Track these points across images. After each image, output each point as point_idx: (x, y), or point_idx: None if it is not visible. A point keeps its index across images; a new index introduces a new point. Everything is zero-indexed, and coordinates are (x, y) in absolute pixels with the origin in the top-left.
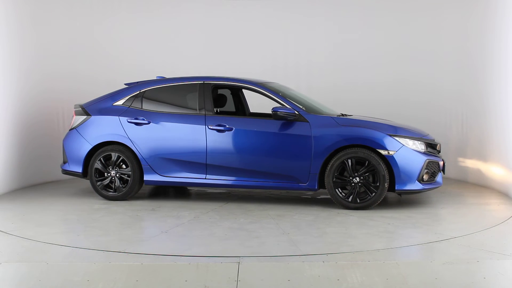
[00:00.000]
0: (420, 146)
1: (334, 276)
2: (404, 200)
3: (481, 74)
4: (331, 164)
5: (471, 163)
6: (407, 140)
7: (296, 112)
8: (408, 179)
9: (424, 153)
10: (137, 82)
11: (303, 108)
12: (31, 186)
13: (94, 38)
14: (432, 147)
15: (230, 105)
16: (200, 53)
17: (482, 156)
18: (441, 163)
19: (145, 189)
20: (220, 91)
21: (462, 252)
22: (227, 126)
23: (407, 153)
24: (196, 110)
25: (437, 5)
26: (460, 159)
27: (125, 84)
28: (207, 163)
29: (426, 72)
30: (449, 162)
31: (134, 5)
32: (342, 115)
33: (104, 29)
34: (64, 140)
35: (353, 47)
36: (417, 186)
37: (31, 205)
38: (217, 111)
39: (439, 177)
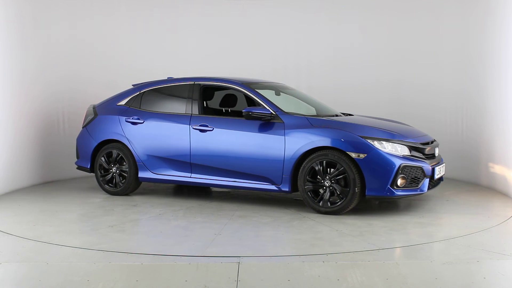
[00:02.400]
0: (400, 149)
1: (334, 276)
2: (394, 205)
3: (482, 74)
4: (303, 166)
5: (469, 164)
6: (383, 142)
7: (272, 112)
8: (379, 184)
9: (401, 157)
10: (143, 83)
11: (281, 109)
12: (40, 184)
13: (97, 39)
14: (418, 150)
15: (243, 105)
16: (200, 54)
17: (484, 157)
18: (427, 168)
19: (170, 186)
20: (230, 92)
21: (462, 252)
22: (209, 126)
23: (378, 156)
24: (185, 110)
25: (438, 5)
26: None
27: (132, 85)
28: (191, 162)
29: (426, 72)
30: (454, 164)
31: (135, 4)
32: (343, 114)
33: (105, 29)
34: (77, 137)
35: (353, 47)
36: (389, 192)
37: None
38: (228, 111)
39: (423, 184)
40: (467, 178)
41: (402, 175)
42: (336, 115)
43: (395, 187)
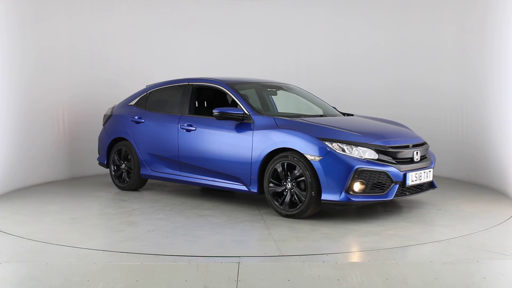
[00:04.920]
0: (365, 152)
1: (334, 276)
2: (373, 211)
3: (481, 74)
4: (267, 168)
5: (469, 163)
6: (343, 145)
7: (246, 112)
8: (334, 188)
9: (362, 160)
10: (154, 83)
11: (256, 109)
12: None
13: (97, 38)
14: (387, 154)
15: (256, 105)
16: (201, 54)
17: (484, 156)
18: (395, 173)
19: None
20: (244, 92)
21: (462, 252)
22: (193, 126)
23: (334, 159)
24: (178, 110)
25: (437, 6)
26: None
27: (146, 86)
28: (179, 160)
29: (427, 73)
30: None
31: (136, 3)
32: (344, 114)
33: (105, 28)
34: (99, 135)
35: (353, 49)
36: (343, 197)
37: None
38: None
39: (391, 190)
40: (468, 178)
41: (361, 180)
42: (321, 115)
43: (351, 193)
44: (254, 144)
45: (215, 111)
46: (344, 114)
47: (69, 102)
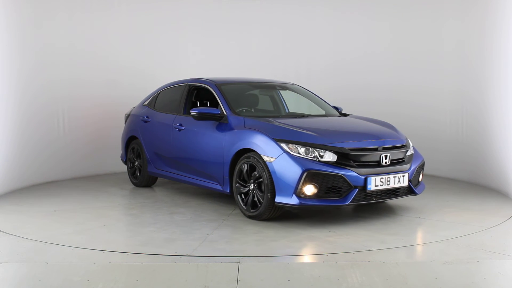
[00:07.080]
0: (324, 155)
1: (334, 276)
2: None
3: (481, 74)
4: (235, 168)
5: (471, 164)
6: (300, 146)
7: (223, 112)
8: (285, 190)
9: (317, 162)
10: (165, 84)
11: (234, 110)
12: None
13: (96, 37)
14: (347, 157)
15: (267, 105)
16: (202, 53)
17: (484, 157)
18: (355, 177)
19: None
20: (251, 92)
21: (462, 252)
22: (183, 126)
23: (285, 160)
24: (176, 110)
25: (437, 6)
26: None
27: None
28: (173, 159)
29: (427, 74)
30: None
31: (136, 1)
32: (342, 114)
33: (105, 27)
34: (122, 134)
35: (354, 50)
36: (293, 200)
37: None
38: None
39: (349, 195)
40: (468, 178)
41: (313, 183)
42: (304, 116)
43: (302, 196)
44: (225, 144)
45: (193, 111)
46: (340, 114)
47: (70, 100)
